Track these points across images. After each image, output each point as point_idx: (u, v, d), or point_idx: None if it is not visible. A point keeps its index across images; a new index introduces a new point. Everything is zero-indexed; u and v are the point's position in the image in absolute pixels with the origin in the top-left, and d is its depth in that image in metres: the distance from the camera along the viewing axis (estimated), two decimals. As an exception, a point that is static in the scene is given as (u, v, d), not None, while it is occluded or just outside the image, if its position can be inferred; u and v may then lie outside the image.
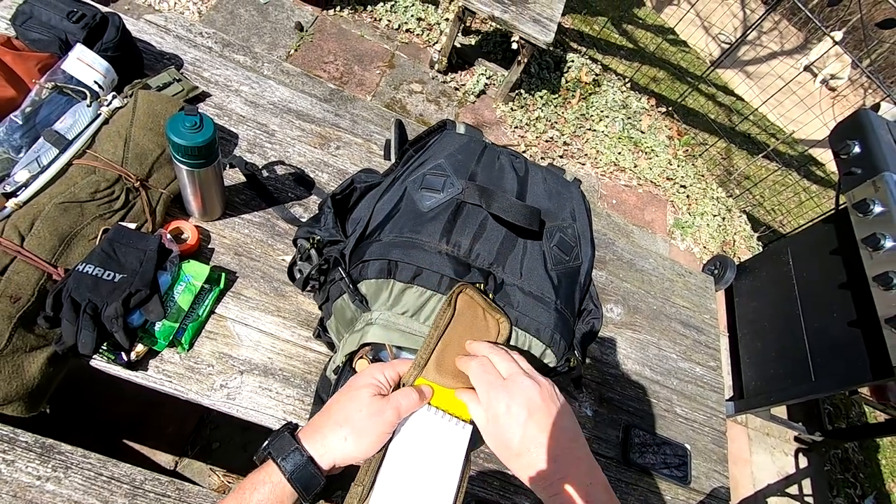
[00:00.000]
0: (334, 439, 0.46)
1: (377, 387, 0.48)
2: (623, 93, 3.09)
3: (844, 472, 2.34)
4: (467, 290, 0.53)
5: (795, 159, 3.66)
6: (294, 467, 0.44)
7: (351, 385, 0.49)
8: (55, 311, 0.69)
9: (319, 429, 0.47)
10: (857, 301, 1.78)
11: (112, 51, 0.92)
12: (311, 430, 0.47)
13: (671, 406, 1.11)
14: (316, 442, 0.46)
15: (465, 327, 0.53)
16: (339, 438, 0.45)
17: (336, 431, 0.46)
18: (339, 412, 0.47)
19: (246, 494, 0.44)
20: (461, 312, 0.52)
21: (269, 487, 0.44)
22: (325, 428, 0.46)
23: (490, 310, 0.55)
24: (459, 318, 0.52)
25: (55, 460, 0.74)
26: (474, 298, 0.54)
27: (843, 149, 1.88)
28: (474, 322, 0.54)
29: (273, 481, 0.44)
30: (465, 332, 0.53)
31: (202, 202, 0.86)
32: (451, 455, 0.48)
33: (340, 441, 0.45)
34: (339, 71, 2.38)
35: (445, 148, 0.67)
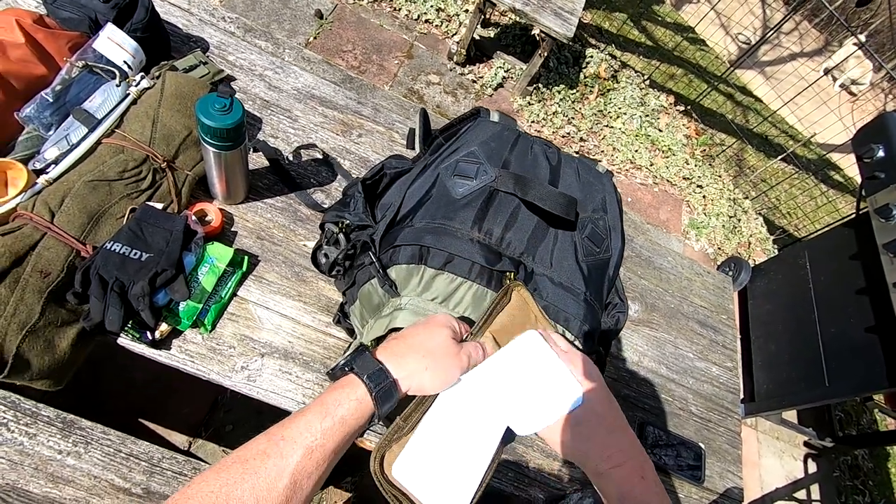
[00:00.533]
0: (417, 368, 0.46)
1: (455, 332, 0.49)
2: (641, 90, 3.06)
3: (853, 478, 2.32)
4: (521, 290, 0.54)
5: (813, 163, 3.61)
6: (378, 386, 0.45)
7: (430, 323, 0.49)
8: (84, 287, 0.69)
9: (402, 355, 0.47)
10: (876, 307, 1.76)
11: (141, 31, 0.92)
12: (390, 354, 0.47)
13: (686, 405, 1.11)
14: (398, 365, 0.46)
15: (517, 323, 0.54)
16: (421, 368, 0.46)
17: (419, 361, 0.46)
18: (421, 343, 0.48)
19: (330, 408, 0.44)
20: (515, 307, 0.53)
21: (355, 404, 0.44)
22: (409, 356, 0.47)
23: (542, 318, 0.55)
24: (512, 310, 0.53)
25: (76, 435, 0.75)
26: (528, 302, 0.55)
27: (867, 152, 1.85)
28: (525, 323, 0.54)
29: (358, 397, 0.44)
30: (516, 328, 0.53)
31: (227, 185, 0.86)
32: (495, 421, 0.49)
33: (421, 370, 0.46)
34: (358, 60, 2.38)
35: (479, 136, 0.66)
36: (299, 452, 0.41)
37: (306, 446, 0.42)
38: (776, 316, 2.21)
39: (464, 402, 0.48)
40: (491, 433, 0.48)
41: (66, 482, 0.73)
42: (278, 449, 0.41)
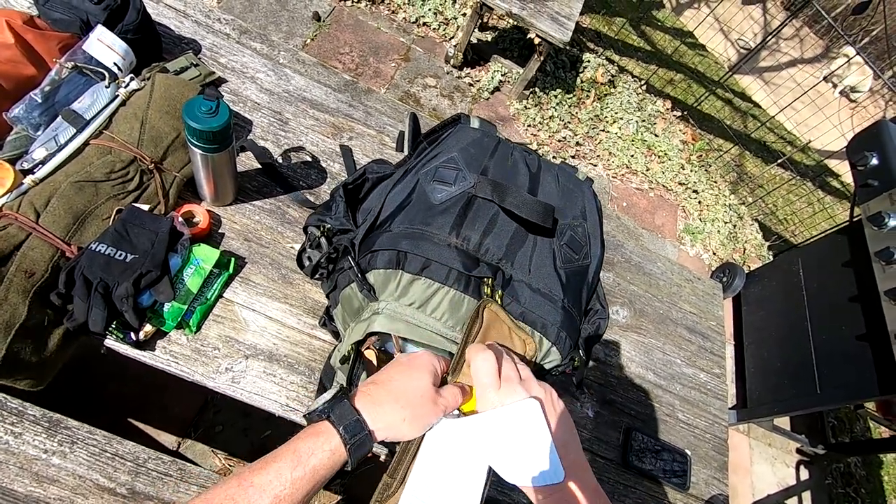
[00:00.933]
0: (394, 418, 0.46)
1: (437, 376, 0.49)
2: (638, 95, 3.06)
3: (846, 486, 2.32)
4: (491, 306, 0.54)
5: (811, 169, 3.62)
6: (354, 439, 0.44)
7: (413, 365, 0.49)
8: (67, 288, 0.70)
9: (380, 403, 0.46)
10: (868, 315, 1.76)
11: (132, 33, 0.93)
12: (371, 401, 0.47)
13: (673, 411, 1.11)
14: (376, 415, 0.46)
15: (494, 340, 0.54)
16: (399, 419, 0.46)
17: (398, 411, 0.46)
18: (402, 392, 0.47)
19: (303, 457, 0.43)
20: (489, 325, 0.53)
21: (328, 454, 0.44)
22: (387, 405, 0.46)
23: (515, 329, 0.56)
24: (488, 330, 0.54)
25: (62, 434, 0.75)
26: (499, 315, 0.55)
27: (861, 160, 1.86)
28: (500, 338, 0.55)
29: (332, 448, 0.44)
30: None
31: (215, 187, 0.87)
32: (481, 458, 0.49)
33: (399, 421, 0.46)
34: (355, 62, 2.38)
35: (459, 142, 0.67)
36: (266, 501, 0.41)
37: (274, 495, 0.41)
38: (769, 322, 2.21)
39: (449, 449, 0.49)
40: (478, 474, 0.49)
41: (50, 481, 0.73)
42: (246, 496, 0.41)
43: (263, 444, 1.38)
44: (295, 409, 0.81)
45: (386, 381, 0.48)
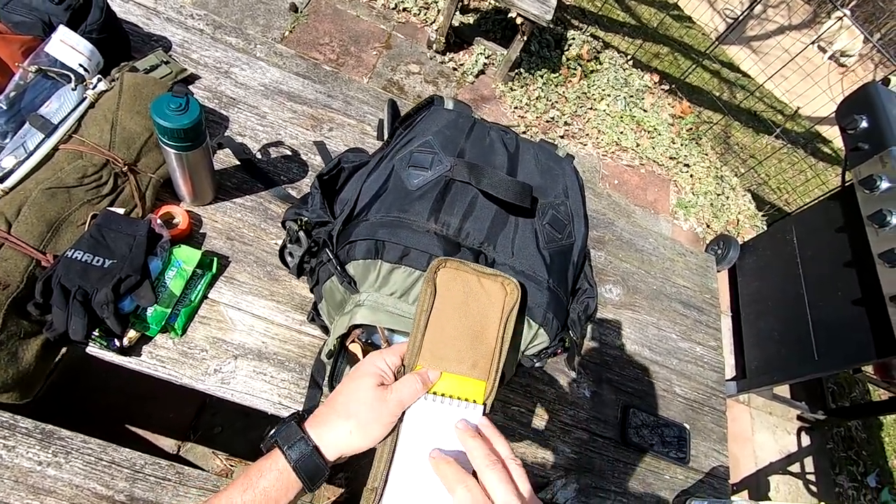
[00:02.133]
0: (340, 432, 0.46)
1: (379, 376, 0.48)
2: (625, 70, 3.03)
3: (847, 449, 2.35)
4: (448, 265, 0.50)
5: (802, 136, 3.61)
6: (299, 456, 0.45)
7: (354, 375, 0.48)
8: (45, 297, 0.68)
9: (325, 421, 0.47)
10: (862, 279, 1.76)
11: (97, 33, 0.90)
12: (318, 421, 0.47)
13: (670, 386, 1.11)
14: (322, 433, 0.46)
15: (457, 304, 0.50)
16: (345, 432, 0.46)
17: (341, 425, 0.46)
18: (343, 404, 0.47)
19: (253, 480, 0.45)
20: (448, 290, 0.50)
21: (276, 475, 0.45)
22: (330, 421, 0.47)
23: (486, 275, 0.51)
24: (447, 296, 0.50)
25: (55, 446, 0.74)
26: (461, 269, 0.51)
27: (850, 124, 1.84)
28: (469, 295, 0.51)
29: (279, 468, 0.45)
30: (460, 309, 0.50)
31: (192, 186, 0.85)
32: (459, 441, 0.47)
33: (346, 434, 0.46)
34: (336, 52, 2.34)
35: (433, 124, 0.65)
36: None
37: None
38: (765, 292, 2.22)
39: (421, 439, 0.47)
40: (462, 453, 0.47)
41: (47, 493, 0.72)
42: None
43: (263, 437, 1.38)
44: (288, 407, 0.81)
45: (331, 398, 0.48)
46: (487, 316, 0.51)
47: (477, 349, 0.50)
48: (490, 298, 0.52)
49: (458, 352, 0.50)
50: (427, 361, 0.49)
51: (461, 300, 0.51)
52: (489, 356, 0.50)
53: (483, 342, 0.50)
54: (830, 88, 3.83)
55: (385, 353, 0.50)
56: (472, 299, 0.51)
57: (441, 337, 0.50)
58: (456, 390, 0.49)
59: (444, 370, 0.49)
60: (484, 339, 0.51)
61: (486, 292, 0.52)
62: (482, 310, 0.51)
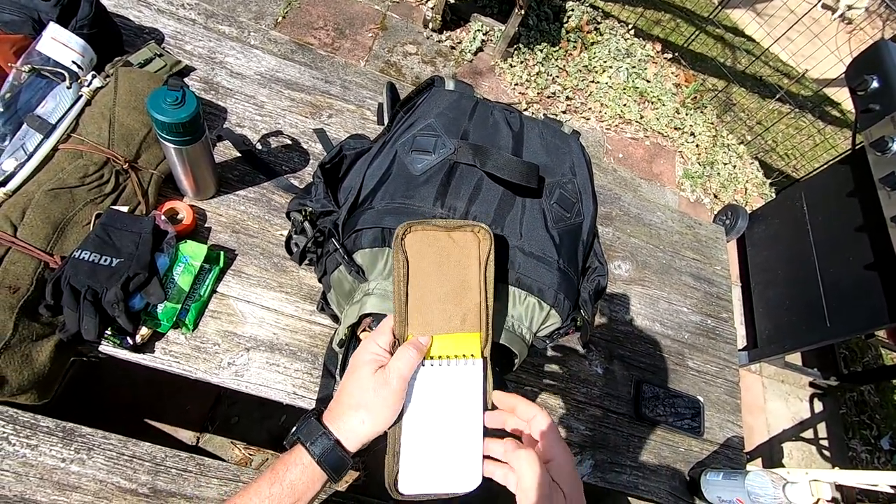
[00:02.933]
0: (353, 423, 0.48)
1: (375, 360, 0.48)
2: (626, 40, 2.96)
3: (860, 414, 2.35)
4: (413, 228, 0.49)
5: (809, 100, 3.53)
6: (322, 451, 0.47)
7: (352, 366, 0.50)
8: (55, 299, 0.69)
9: (339, 415, 0.49)
10: (874, 243, 1.74)
11: (88, 28, 0.89)
12: (333, 415, 0.49)
13: (683, 360, 1.11)
14: (339, 426, 0.48)
15: (432, 264, 0.50)
16: (358, 422, 0.47)
17: (352, 416, 0.48)
18: (349, 396, 0.48)
19: (279, 474, 0.47)
20: (419, 252, 0.49)
21: (301, 469, 0.47)
22: (343, 414, 0.48)
23: (454, 228, 0.50)
24: (420, 258, 0.49)
25: (77, 443, 0.76)
26: (427, 229, 0.50)
27: (861, 84, 1.79)
28: (442, 252, 0.50)
29: (304, 463, 0.47)
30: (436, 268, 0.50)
31: (194, 181, 0.84)
32: (468, 397, 0.49)
33: (359, 424, 0.47)
34: (330, 36, 2.30)
35: (435, 106, 0.63)
36: None
37: None
38: (775, 261, 2.20)
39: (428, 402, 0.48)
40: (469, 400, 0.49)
41: (72, 489, 0.73)
42: None
43: (281, 431, 1.40)
44: (303, 396, 0.81)
45: (339, 393, 0.50)
46: (467, 267, 0.50)
47: (463, 303, 0.50)
48: (464, 250, 0.51)
49: (444, 311, 0.49)
50: (417, 328, 0.49)
51: (435, 259, 0.50)
52: (477, 307, 0.50)
53: (467, 294, 0.50)
54: (839, 49, 3.73)
55: (375, 335, 0.50)
56: (445, 256, 0.50)
57: (425, 301, 0.50)
58: (453, 348, 0.50)
59: (435, 332, 0.49)
60: (468, 292, 0.50)
61: (459, 245, 0.51)
62: (459, 263, 0.50)
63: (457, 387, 0.49)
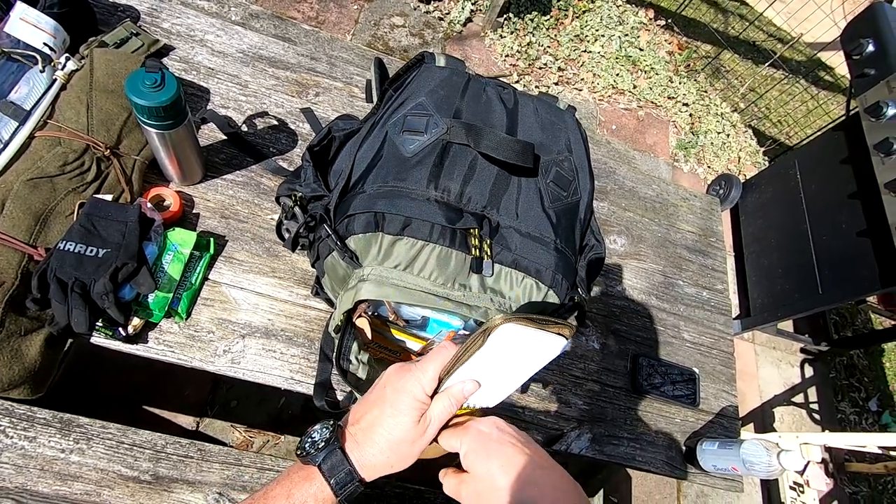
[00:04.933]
0: (381, 463, 0.46)
1: (421, 408, 0.46)
2: (619, 7, 2.89)
3: (849, 377, 2.40)
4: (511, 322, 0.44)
5: (803, 65, 3.48)
6: (344, 488, 0.45)
7: (396, 408, 0.46)
8: (42, 292, 0.67)
9: (366, 447, 0.46)
10: (867, 210, 1.74)
11: (58, 7, 0.84)
12: (358, 451, 0.46)
13: (678, 332, 1.11)
14: (363, 463, 0.46)
15: (507, 350, 0.47)
16: (387, 465, 0.46)
17: (382, 460, 0.46)
18: (382, 436, 0.46)
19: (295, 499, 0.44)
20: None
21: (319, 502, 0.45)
22: (370, 452, 0.46)
23: (550, 325, 0.46)
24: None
25: (76, 433, 0.75)
26: (520, 323, 0.44)
27: (856, 48, 1.77)
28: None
29: (324, 497, 0.45)
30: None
31: (179, 166, 0.82)
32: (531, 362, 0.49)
33: (386, 467, 0.46)
34: (314, 10, 2.23)
35: (426, 84, 0.61)
36: None
37: None
38: (769, 230, 2.20)
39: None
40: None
41: (73, 478, 0.73)
42: None
43: (279, 413, 1.41)
44: (300, 381, 0.81)
45: (370, 426, 0.47)
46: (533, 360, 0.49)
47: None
48: (543, 345, 0.48)
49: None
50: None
51: (513, 347, 0.46)
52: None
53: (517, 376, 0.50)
54: (833, 12, 3.67)
55: (421, 371, 0.47)
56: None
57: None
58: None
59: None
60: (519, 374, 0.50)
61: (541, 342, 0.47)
62: (529, 355, 0.48)
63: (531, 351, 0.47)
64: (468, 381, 0.47)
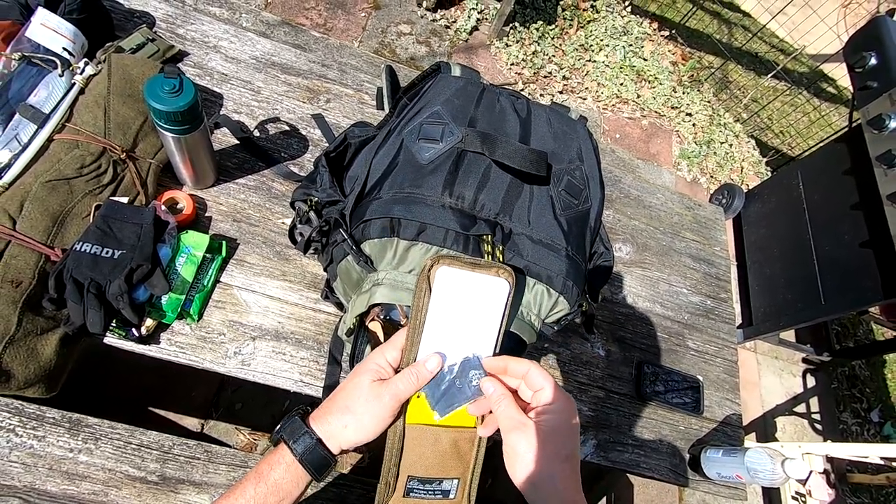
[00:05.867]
0: (337, 426, 0.48)
1: (378, 371, 0.48)
2: (623, 17, 2.92)
3: (851, 388, 2.40)
4: (442, 262, 0.47)
5: (805, 76, 3.51)
6: (304, 449, 0.47)
7: (355, 372, 0.50)
8: (59, 292, 0.68)
9: (325, 414, 0.49)
10: (870, 221, 1.75)
11: (77, 12, 0.86)
12: (320, 414, 0.49)
13: (683, 340, 1.12)
14: (323, 427, 0.48)
15: (454, 299, 0.49)
16: (341, 426, 0.47)
17: (338, 418, 0.48)
18: (342, 399, 0.49)
19: (263, 473, 0.47)
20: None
21: (284, 467, 0.47)
22: (330, 414, 0.48)
23: (480, 268, 0.49)
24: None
25: (84, 433, 0.76)
26: (454, 265, 0.48)
27: (859, 61, 1.78)
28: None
29: (286, 462, 0.47)
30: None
31: (193, 169, 0.83)
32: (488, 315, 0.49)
33: (341, 428, 0.47)
34: (322, 17, 2.25)
35: (441, 93, 0.62)
36: None
37: None
38: (771, 239, 2.21)
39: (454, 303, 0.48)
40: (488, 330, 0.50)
41: (81, 478, 0.74)
42: None
43: (284, 416, 1.41)
44: (309, 384, 0.82)
45: (333, 394, 0.50)
46: (486, 307, 0.50)
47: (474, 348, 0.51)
48: (487, 289, 0.50)
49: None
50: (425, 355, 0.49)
51: (457, 295, 0.49)
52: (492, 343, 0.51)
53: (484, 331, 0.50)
54: (836, 25, 3.70)
55: (386, 349, 0.50)
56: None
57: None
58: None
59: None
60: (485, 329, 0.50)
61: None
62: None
63: (480, 301, 0.48)
64: (431, 355, 0.48)
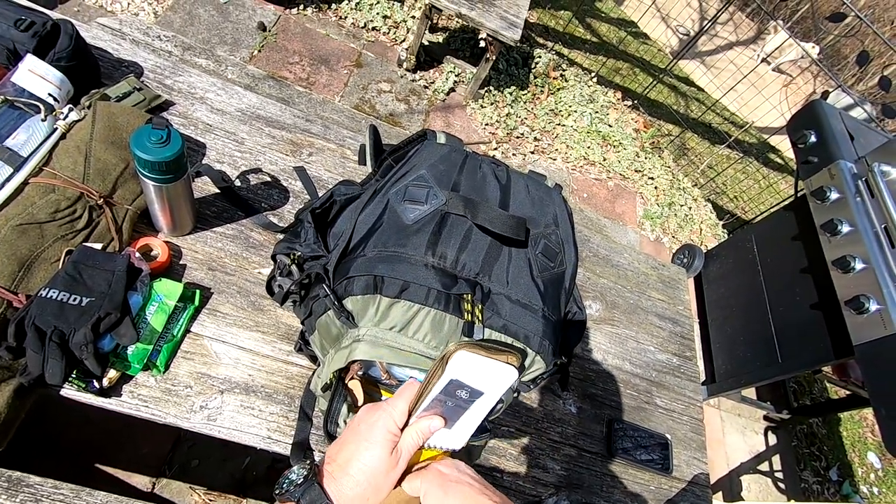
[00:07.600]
0: (356, 497, 0.47)
1: (393, 440, 0.48)
2: (590, 87, 3.13)
3: (810, 445, 2.46)
4: (463, 349, 0.47)
5: (755, 147, 3.80)
6: None
7: (369, 440, 0.48)
8: (18, 340, 0.65)
9: (342, 484, 0.47)
10: (819, 284, 1.86)
11: (66, 60, 0.87)
12: (333, 481, 0.47)
13: (651, 398, 1.14)
14: (340, 495, 0.46)
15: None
16: (362, 498, 0.47)
17: (358, 490, 0.47)
18: (358, 471, 0.47)
19: None
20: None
21: None
22: (347, 486, 0.47)
23: (497, 353, 0.49)
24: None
25: (24, 493, 0.70)
26: (473, 351, 0.48)
27: (801, 138, 1.96)
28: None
29: None
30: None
31: (171, 217, 0.83)
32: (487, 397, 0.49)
33: (363, 500, 0.47)
34: (306, 72, 2.33)
35: (427, 158, 0.66)
36: None
37: None
38: (730, 299, 2.31)
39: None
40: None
41: (17, 547, 0.68)
42: None
43: (244, 475, 1.34)
44: (278, 441, 0.79)
45: (346, 461, 0.48)
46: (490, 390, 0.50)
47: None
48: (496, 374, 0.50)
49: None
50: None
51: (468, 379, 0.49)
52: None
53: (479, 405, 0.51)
54: (780, 104, 4.07)
55: (392, 406, 0.49)
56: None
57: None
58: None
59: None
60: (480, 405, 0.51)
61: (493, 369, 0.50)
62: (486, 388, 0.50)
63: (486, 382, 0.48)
64: (434, 416, 0.49)
